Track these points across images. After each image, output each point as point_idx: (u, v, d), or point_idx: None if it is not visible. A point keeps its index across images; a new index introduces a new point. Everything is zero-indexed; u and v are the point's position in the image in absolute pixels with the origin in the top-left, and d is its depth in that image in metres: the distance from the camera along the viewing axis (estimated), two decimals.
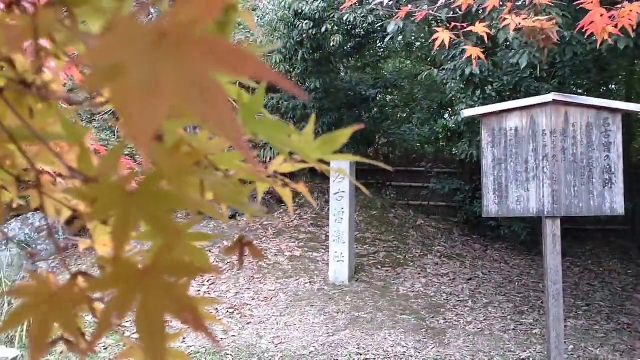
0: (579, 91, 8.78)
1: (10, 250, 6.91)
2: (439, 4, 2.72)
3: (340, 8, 4.16)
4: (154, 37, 0.31)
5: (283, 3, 8.71)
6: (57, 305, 0.49)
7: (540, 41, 2.30)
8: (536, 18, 2.32)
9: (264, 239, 8.65)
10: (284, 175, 0.71)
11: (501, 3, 2.58)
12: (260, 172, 0.71)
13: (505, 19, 2.50)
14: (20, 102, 0.57)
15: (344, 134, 0.63)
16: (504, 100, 5.88)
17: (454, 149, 9.19)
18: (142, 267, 0.44)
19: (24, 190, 0.68)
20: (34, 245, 6.83)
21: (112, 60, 0.29)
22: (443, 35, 2.73)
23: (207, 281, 7.27)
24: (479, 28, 2.55)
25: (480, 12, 2.70)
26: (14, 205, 0.74)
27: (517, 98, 5.79)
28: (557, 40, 2.35)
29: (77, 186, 0.53)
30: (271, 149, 8.66)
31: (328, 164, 0.73)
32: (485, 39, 2.75)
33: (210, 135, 0.66)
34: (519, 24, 2.38)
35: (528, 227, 8.94)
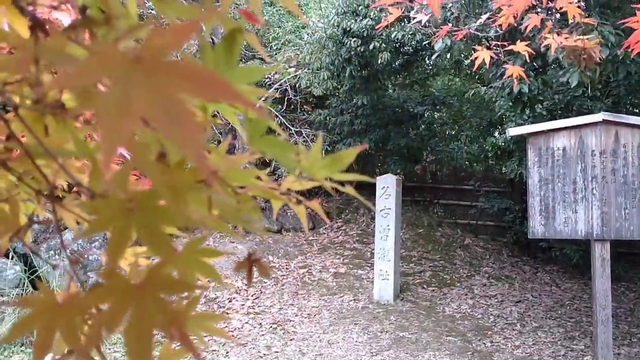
0: (635, 110, 8.49)
1: (63, 260, 7.15)
2: (478, 23, 2.69)
3: (377, 27, 4.16)
4: (129, 62, 0.32)
5: (332, 21, 8.79)
6: (61, 315, 0.51)
7: (582, 61, 2.24)
8: (578, 37, 2.26)
9: (309, 254, 8.67)
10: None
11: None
12: (274, 189, 0.72)
13: (545, 38, 2.45)
14: (39, 120, 0.60)
15: (351, 154, 0.64)
16: (555, 119, 5.75)
17: (503, 168, 9.01)
18: (136, 282, 0.45)
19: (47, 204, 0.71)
20: (86, 255, 7.05)
21: (88, 83, 0.31)
22: (483, 54, 2.70)
23: (252, 295, 7.32)
24: (520, 47, 2.50)
25: (524, 30, 2.67)
26: (38, 218, 0.77)
27: (569, 117, 5.64)
28: (601, 59, 2.29)
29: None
30: None
31: (342, 183, 0.74)
32: (527, 57, 2.70)
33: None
34: (561, 43, 2.33)
35: (580, 249, 8.65)
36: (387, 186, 7.37)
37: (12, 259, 6.81)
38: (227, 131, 8.65)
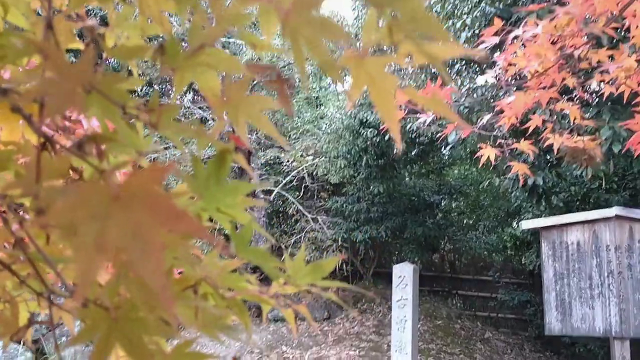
0: None
1: (87, 346, 7.10)
2: (480, 123, 2.79)
3: (382, 128, 4.29)
4: (109, 199, 0.37)
5: (349, 112, 9.06)
6: None
7: (583, 161, 2.29)
8: (578, 138, 2.33)
9: (324, 345, 8.48)
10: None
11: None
12: (263, 293, 0.76)
13: (547, 138, 2.53)
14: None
15: (331, 263, 0.68)
16: (572, 211, 5.73)
17: (523, 259, 8.90)
18: None
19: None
20: None
21: (69, 219, 0.36)
22: (488, 152, 2.77)
23: None
24: (524, 145, 2.58)
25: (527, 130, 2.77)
26: (39, 317, 0.81)
27: (586, 209, 5.64)
28: (601, 158, 2.34)
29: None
30: None
31: (330, 288, 0.77)
32: (531, 156, 2.78)
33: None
34: (562, 143, 2.40)
35: (605, 345, 8.35)
36: (404, 275, 7.26)
37: (23, 344, 6.78)
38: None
